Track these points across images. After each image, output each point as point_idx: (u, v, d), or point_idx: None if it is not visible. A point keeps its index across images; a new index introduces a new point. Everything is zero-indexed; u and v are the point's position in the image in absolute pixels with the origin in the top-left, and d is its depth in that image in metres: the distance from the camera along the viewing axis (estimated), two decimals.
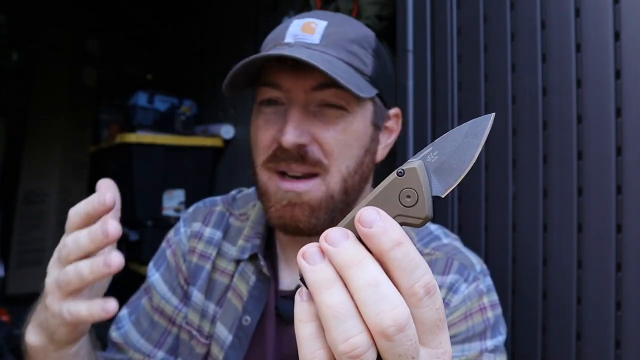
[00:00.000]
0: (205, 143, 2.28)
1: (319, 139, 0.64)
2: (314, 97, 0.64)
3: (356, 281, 0.30)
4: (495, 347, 0.68)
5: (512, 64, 0.92)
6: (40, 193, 2.62)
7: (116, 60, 3.14)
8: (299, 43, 0.65)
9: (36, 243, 2.57)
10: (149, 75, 3.19)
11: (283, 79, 0.65)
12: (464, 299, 0.67)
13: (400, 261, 0.30)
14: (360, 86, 0.63)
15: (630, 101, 0.75)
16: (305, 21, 0.66)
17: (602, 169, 0.78)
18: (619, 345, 0.76)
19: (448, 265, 0.69)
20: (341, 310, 0.29)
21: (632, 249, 0.75)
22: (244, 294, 0.73)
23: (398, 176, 0.32)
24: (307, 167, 0.64)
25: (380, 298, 0.29)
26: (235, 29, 2.31)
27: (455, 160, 0.33)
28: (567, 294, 0.83)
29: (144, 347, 0.76)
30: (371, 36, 0.69)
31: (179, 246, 0.79)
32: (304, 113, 0.64)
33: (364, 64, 0.66)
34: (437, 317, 0.31)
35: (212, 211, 0.81)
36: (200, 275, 0.76)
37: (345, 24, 0.68)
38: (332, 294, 0.30)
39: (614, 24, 0.77)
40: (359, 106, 0.66)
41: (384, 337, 0.29)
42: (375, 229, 0.30)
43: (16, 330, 1.99)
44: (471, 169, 0.34)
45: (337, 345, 0.29)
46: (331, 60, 0.63)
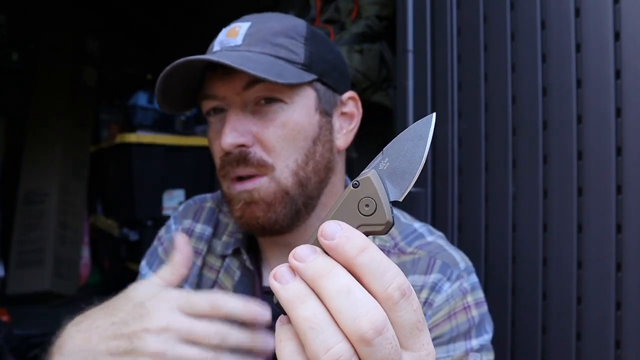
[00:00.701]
0: (205, 143, 2.27)
1: (260, 137, 0.65)
2: (247, 96, 0.65)
3: (328, 290, 0.30)
4: (481, 346, 0.67)
5: (512, 64, 0.92)
6: (40, 193, 2.62)
7: (116, 60, 3.14)
8: (224, 48, 0.66)
9: (36, 243, 2.57)
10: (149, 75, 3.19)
11: (216, 88, 0.66)
12: (447, 299, 0.66)
13: (369, 266, 0.30)
14: (284, 74, 0.63)
15: (630, 101, 0.76)
16: (231, 27, 0.68)
17: (602, 169, 0.78)
18: (619, 345, 0.76)
19: (431, 264, 0.68)
20: (317, 320, 0.29)
21: (632, 249, 0.75)
22: (230, 289, 0.73)
23: (354, 188, 0.33)
24: (251, 168, 0.65)
25: (353, 303, 0.29)
26: None
27: (406, 163, 0.34)
28: (567, 294, 0.83)
29: None
30: (301, 25, 0.69)
31: (171, 243, 0.79)
32: (241, 114, 0.65)
33: (292, 53, 0.66)
34: (415, 319, 0.31)
35: (202, 207, 0.81)
36: (192, 271, 0.76)
37: (271, 20, 0.68)
38: (306, 307, 0.30)
39: (614, 24, 0.77)
40: (296, 95, 0.65)
41: (364, 343, 0.29)
42: (337, 239, 0.31)
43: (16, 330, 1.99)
44: (471, 168, 0.35)
45: (318, 358, 0.29)
46: (251, 57, 0.63)
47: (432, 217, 1.06)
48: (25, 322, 2.10)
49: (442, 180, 1.05)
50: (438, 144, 1.07)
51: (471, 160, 0.99)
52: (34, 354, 1.99)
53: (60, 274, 2.53)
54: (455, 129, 1.03)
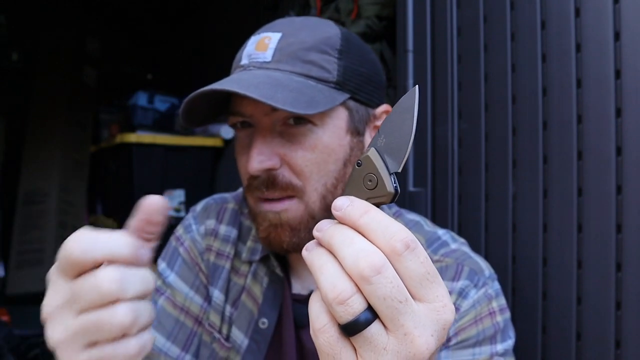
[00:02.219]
0: (205, 143, 2.28)
1: (288, 160, 0.62)
2: (276, 116, 0.62)
3: (336, 245, 0.34)
4: (505, 350, 0.68)
5: (512, 64, 0.92)
6: (40, 193, 2.62)
7: (116, 60, 3.14)
8: (252, 64, 0.63)
9: (36, 243, 2.57)
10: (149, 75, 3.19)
11: (244, 106, 0.63)
12: (473, 304, 0.67)
13: (371, 224, 0.34)
14: (315, 100, 0.59)
15: (630, 101, 0.76)
16: (260, 37, 0.64)
17: (602, 169, 0.78)
18: (619, 345, 0.76)
19: (458, 271, 0.69)
20: (327, 267, 0.34)
21: (632, 249, 0.75)
22: (258, 296, 0.72)
23: (357, 166, 0.38)
24: (279, 192, 0.63)
25: (355, 250, 0.33)
26: (235, 29, 2.31)
27: (399, 137, 0.38)
28: (567, 294, 0.83)
29: (171, 351, 0.72)
30: (335, 36, 0.65)
31: (194, 244, 0.76)
32: (268, 136, 0.63)
33: (325, 70, 0.63)
34: (424, 270, 0.34)
35: (224, 208, 0.78)
36: (220, 275, 0.74)
37: (303, 30, 0.64)
38: (320, 260, 0.35)
39: (614, 24, 0.77)
40: (327, 117, 0.63)
41: (364, 281, 0.33)
42: (345, 209, 0.35)
43: (16, 330, 1.99)
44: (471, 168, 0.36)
45: (327, 295, 0.33)
46: (280, 79, 0.60)
47: (432, 217, 1.06)
48: (25, 322, 2.10)
49: (442, 180, 1.05)
50: (438, 144, 1.07)
51: (471, 160, 0.99)
52: (34, 354, 1.99)
53: None
54: (455, 129, 1.03)
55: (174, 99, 2.34)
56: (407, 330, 0.33)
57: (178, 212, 2.20)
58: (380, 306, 0.33)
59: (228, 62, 0.74)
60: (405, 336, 0.33)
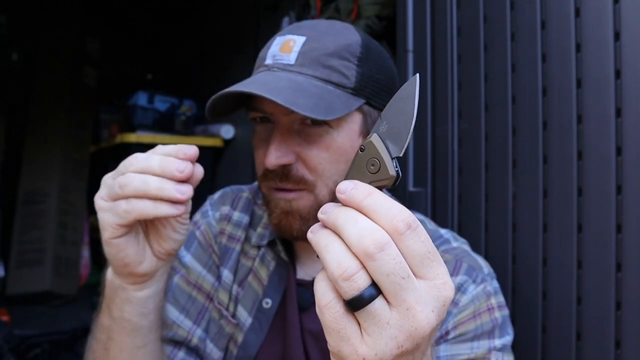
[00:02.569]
0: (205, 143, 2.27)
1: (303, 156, 0.67)
2: (295, 117, 0.66)
3: (341, 225, 0.36)
4: (503, 346, 0.69)
5: (512, 64, 0.92)
6: (40, 193, 2.62)
7: (116, 60, 3.14)
8: (276, 65, 0.67)
9: (36, 243, 2.57)
10: (149, 75, 3.19)
11: (265, 105, 0.67)
12: (472, 299, 0.69)
13: (374, 205, 0.36)
14: (333, 105, 0.64)
15: (630, 101, 0.75)
16: (285, 39, 0.68)
17: (602, 169, 0.78)
18: (619, 345, 0.76)
19: (457, 267, 0.71)
20: (332, 246, 0.36)
21: (632, 249, 0.75)
22: (264, 279, 0.76)
23: (360, 152, 0.40)
24: (292, 184, 0.67)
25: (360, 229, 0.35)
26: (235, 29, 2.31)
27: (400, 123, 0.39)
28: (567, 294, 0.83)
29: (184, 324, 0.77)
30: (355, 43, 0.68)
31: (209, 228, 0.82)
32: (286, 134, 0.67)
33: (344, 76, 0.66)
34: (425, 249, 0.36)
35: (239, 196, 0.84)
36: (230, 256, 0.79)
37: (326, 36, 0.67)
38: (325, 240, 0.37)
39: (614, 24, 0.77)
40: (343, 120, 0.67)
41: (368, 257, 0.34)
42: (350, 192, 0.37)
43: (16, 330, 1.99)
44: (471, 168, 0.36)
45: (332, 272, 0.35)
46: (301, 84, 0.64)
47: (432, 217, 1.06)
48: (25, 322, 2.10)
49: (442, 180, 1.05)
50: (438, 144, 1.07)
51: (471, 160, 0.99)
52: (34, 354, 1.99)
53: (60, 274, 2.53)
54: (455, 129, 1.03)
55: (174, 99, 2.34)
56: (410, 305, 0.34)
57: None
58: (384, 282, 0.34)
59: (228, 62, 0.74)
60: (408, 311, 0.34)
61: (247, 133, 2.15)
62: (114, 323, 0.59)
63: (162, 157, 0.51)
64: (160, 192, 0.50)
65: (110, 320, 0.59)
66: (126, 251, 0.54)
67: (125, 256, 0.54)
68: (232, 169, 2.23)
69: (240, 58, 2.21)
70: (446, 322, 0.69)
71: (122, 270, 0.55)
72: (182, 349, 0.77)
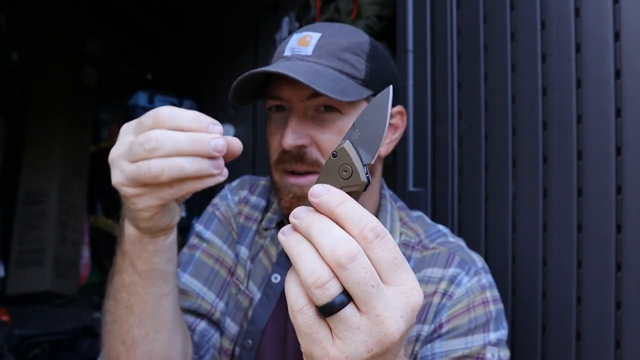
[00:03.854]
0: None
1: (317, 140, 0.72)
2: (310, 103, 0.71)
3: (314, 233, 0.38)
4: (498, 340, 0.70)
5: (512, 64, 0.92)
6: (40, 193, 2.62)
7: (116, 60, 3.14)
8: (295, 56, 0.73)
9: (36, 243, 2.57)
10: (149, 75, 3.19)
11: (283, 91, 0.72)
12: (466, 292, 0.71)
13: (346, 214, 0.37)
14: (347, 90, 0.69)
15: (630, 101, 0.76)
16: (302, 35, 0.74)
17: (602, 169, 0.78)
18: (619, 345, 0.76)
19: (450, 259, 0.74)
20: (305, 253, 0.37)
21: (632, 249, 0.75)
22: (274, 256, 0.81)
23: (333, 157, 0.40)
24: (307, 166, 0.72)
25: (332, 239, 0.37)
26: (235, 29, 2.31)
27: (372, 131, 0.40)
28: (567, 294, 0.83)
29: (208, 296, 0.79)
30: (365, 42, 0.75)
31: (228, 208, 0.86)
32: (302, 118, 0.72)
33: (355, 69, 0.72)
34: (392, 256, 0.37)
35: (257, 184, 0.90)
36: (247, 234, 0.84)
37: (339, 34, 0.74)
38: (299, 247, 0.38)
39: (614, 24, 0.77)
40: (353, 108, 0.72)
41: (340, 267, 0.36)
42: (322, 197, 0.38)
43: (16, 330, 1.99)
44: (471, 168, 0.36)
45: (306, 280, 0.37)
46: (319, 70, 0.70)
47: (432, 217, 1.06)
48: (25, 322, 2.10)
49: (442, 180, 1.05)
50: (438, 144, 1.07)
51: (471, 160, 0.99)
52: (34, 354, 1.99)
53: (60, 274, 2.53)
54: (455, 129, 1.03)
55: (174, 99, 2.34)
56: (379, 312, 0.36)
57: None
58: (355, 290, 0.36)
59: (228, 61, 0.76)
60: (377, 317, 0.36)
61: (247, 133, 2.15)
62: (140, 277, 0.58)
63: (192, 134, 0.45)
64: (200, 171, 0.45)
65: (134, 275, 0.58)
66: (164, 218, 0.53)
67: (162, 223, 0.53)
68: (232, 169, 2.22)
69: (240, 58, 2.21)
70: (440, 314, 0.70)
71: (155, 233, 0.54)
72: (205, 319, 0.78)
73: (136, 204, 0.49)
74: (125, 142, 0.48)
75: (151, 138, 0.44)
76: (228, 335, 0.79)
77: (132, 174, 0.45)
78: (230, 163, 0.51)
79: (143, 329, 0.60)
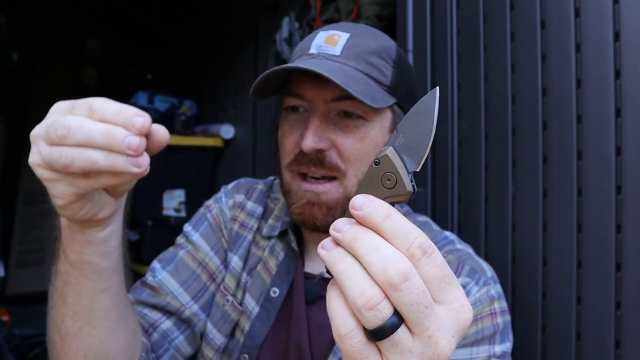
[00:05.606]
0: (205, 143, 2.27)
1: (338, 145, 0.69)
2: (333, 106, 0.69)
3: (361, 249, 0.35)
4: (503, 353, 0.69)
5: (512, 64, 0.92)
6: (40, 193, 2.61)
7: (116, 60, 3.14)
8: (322, 54, 0.69)
9: (36, 243, 2.57)
10: (149, 75, 3.19)
11: (305, 90, 0.69)
12: (475, 302, 0.69)
13: (392, 230, 0.35)
14: (375, 97, 0.67)
15: (630, 101, 0.76)
16: (330, 33, 0.71)
17: (602, 169, 0.78)
18: (619, 345, 0.76)
19: (459, 268, 0.72)
20: (352, 272, 0.35)
21: (632, 249, 0.75)
22: (273, 269, 0.77)
23: (375, 165, 0.38)
24: (325, 171, 0.69)
25: (382, 256, 0.34)
26: (235, 29, 2.31)
27: (418, 136, 0.38)
28: (567, 294, 0.83)
29: (182, 297, 0.76)
30: (392, 47, 0.73)
31: (221, 212, 0.83)
32: (324, 121, 0.69)
33: (382, 74, 0.70)
34: (441, 274, 0.35)
35: (254, 188, 0.85)
36: (241, 244, 0.80)
37: (367, 35, 0.72)
38: (344, 264, 0.35)
39: (614, 24, 0.77)
40: (377, 115, 0.70)
41: (392, 288, 0.33)
42: (365, 209, 0.36)
43: (16, 330, 1.99)
44: (471, 168, 0.36)
45: (355, 301, 0.34)
46: (349, 72, 0.67)
47: (432, 217, 1.06)
48: (25, 322, 2.10)
49: (442, 180, 1.05)
50: (438, 143, 1.07)
51: (471, 160, 0.99)
52: (34, 354, 1.99)
53: None
54: (455, 129, 1.03)
55: (174, 99, 2.34)
56: (432, 333, 0.34)
57: (178, 212, 2.20)
58: (407, 312, 0.34)
59: (228, 61, 0.75)
60: (430, 339, 0.34)
61: (247, 133, 2.15)
62: (72, 267, 0.54)
63: (107, 127, 0.40)
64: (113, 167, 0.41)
65: (66, 265, 0.55)
66: (84, 209, 0.48)
67: (84, 214, 0.48)
68: (232, 169, 2.22)
69: (240, 58, 2.21)
70: None
71: (82, 223, 0.50)
72: (172, 318, 0.76)
73: (51, 189, 0.46)
74: (47, 122, 0.44)
75: (63, 124, 0.41)
76: (213, 345, 0.77)
77: (46, 157, 0.42)
78: (230, 163, 0.50)
79: (77, 322, 0.57)
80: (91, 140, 0.40)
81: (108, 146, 0.40)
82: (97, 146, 0.40)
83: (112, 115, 0.41)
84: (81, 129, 0.40)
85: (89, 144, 0.40)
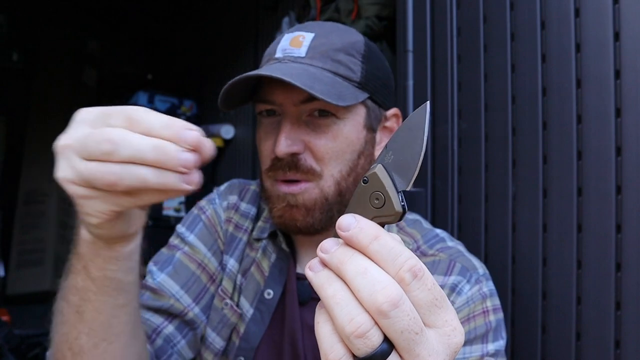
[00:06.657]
0: None
1: (311, 146, 0.68)
2: (304, 108, 0.68)
3: (349, 273, 0.34)
4: (496, 351, 0.68)
5: (512, 64, 0.92)
6: (40, 193, 2.62)
7: (116, 60, 3.14)
8: (287, 57, 0.69)
9: (36, 243, 2.57)
10: (149, 75, 3.19)
11: (275, 95, 0.69)
12: (467, 301, 0.69)
13: (381, 252, 0.34)
14: (343, 94, 0.66)
15: (630, 101, 0.76)
16: (294, 35, 0.71)
17: (602, 169, 0.78)
18: (619, 345, 0.76)
19: (450, 266, 0.71)
20: (340, 297, 0.34)
21: (632, 249, 0.75)
22: (266, 270, 0.77)
23: (363, 184, 0.36)
24: (300, 175, 0.69)
25: (370, 282, 0.33)
26: (235, 29, 2.31)
27: (408, 154, 0.36)
28: (567, 294, 0.83)
29: (184, 299, 0.75)
30: (360, 42, 0.72)
31: (215, 214, 0.82)
32: (295, 123, 0.69)
33: (350, 70, 0.69)
34: (432, 297, 0.34)
35: (247, 189, 0.85)
36: (237, 246, 0.80)
37: (333, 33, 0.71)
38: (331, 288, 0.34)
39: (614, 24, 0.77)
40: (348, 112, 0.69)
41: (382, 315, 0.32)
42: (352, 231, 0.34)
43: (16, 330, 1.99)
44: (471, 168, 0.35)
45: (343, 328, 0.33)
46: (314, 73, 0.66)
47: (432, 217, 1.06)
48: (25, 322, 2.10)
49: (442, 180, 1.05)
50: (438, 144, 1.07)
51: (471, 160, 0.99)
52: (34, 354, 1.99)
53: (60, 274, 2.53)
54: (455, 129, 1.03)
55: (174, 99, 2.34)
56: (423, 359, 0.33)
57: (178, 212, 2.20)
58: (398, 339, 0.33)
59: (228, 61, 0.75)
60: None
61: (247, 133, 2.15)
62: (93, 284, 0.51)
63: (157, 142, 0.38)
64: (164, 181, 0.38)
65: (87, 280, 0.51)
66: (117, 227, 0.45)
67: (116, 231, 0.46)
68: (232, 169, 2.23)
69: (240, 58, 2.21)
70: None
71: (110, 239, 0.48)
72: (174, 322, 0.74)
73: (84, 207, 0.42)
74: (79, 134, 0.40)
75: (109, 139, 0.37)
76: (212, 349, 0.76)
77: (84, 174, 0.38)
78: (230, 163, 0.50)
79: (93, 338, 0.54)
80: (141, 157, 0.37)
81: (159, 163, 0.37)
82: (148, 163, 0.37)
83: (160, 129, 0.38)
84: (129, 145, 0.37)
85: (139, 161, 0.37)
